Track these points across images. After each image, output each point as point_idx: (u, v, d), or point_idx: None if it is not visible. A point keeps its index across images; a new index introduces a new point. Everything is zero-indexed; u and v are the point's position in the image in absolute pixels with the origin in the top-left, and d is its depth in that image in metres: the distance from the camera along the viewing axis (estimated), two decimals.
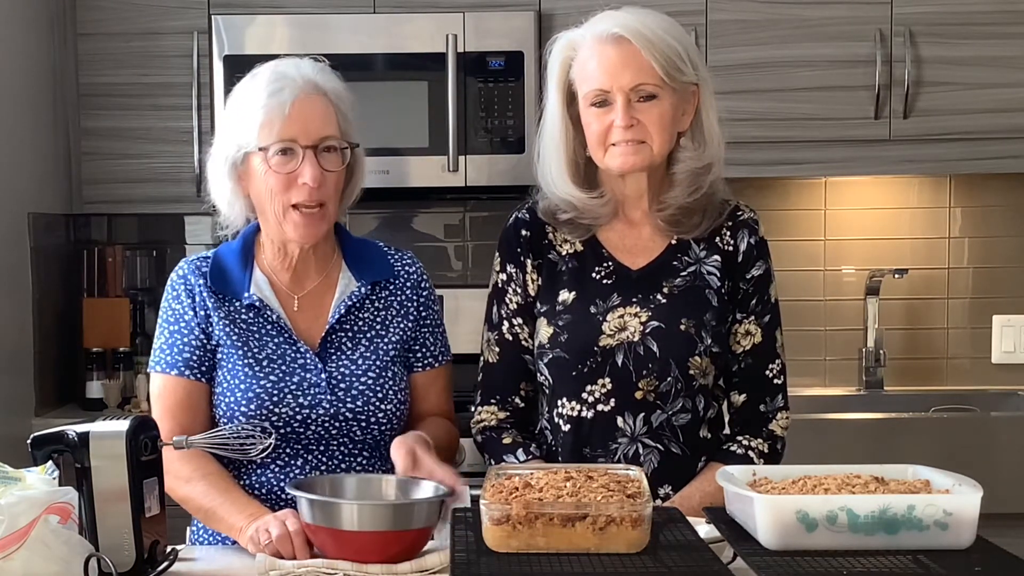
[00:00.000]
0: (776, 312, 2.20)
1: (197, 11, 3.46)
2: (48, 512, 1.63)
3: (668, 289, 2.15)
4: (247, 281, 2.14)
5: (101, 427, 1.80)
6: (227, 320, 2.12)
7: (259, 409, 2.06)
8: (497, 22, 3.40)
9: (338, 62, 2.19)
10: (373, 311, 2.18)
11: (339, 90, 2.14)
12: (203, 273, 2.15)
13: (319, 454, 2.10)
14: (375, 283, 2.19)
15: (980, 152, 3.45)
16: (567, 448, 2.16)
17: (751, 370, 2.18)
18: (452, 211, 3.86)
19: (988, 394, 3.71)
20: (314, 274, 2.18)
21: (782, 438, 2.18)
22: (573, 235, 2.20)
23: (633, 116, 2.08)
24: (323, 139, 2.07)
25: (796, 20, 3.45)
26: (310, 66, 2.13)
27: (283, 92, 2.07)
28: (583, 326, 2.14)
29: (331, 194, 2.10)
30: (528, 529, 1.60)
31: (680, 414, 2.12)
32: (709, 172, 2.14)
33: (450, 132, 3.37)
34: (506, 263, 2.23)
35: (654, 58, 2.06)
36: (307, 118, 2.07)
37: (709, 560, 1.59)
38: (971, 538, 1.60)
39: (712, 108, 2.14)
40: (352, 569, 1.74)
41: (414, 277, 2.24)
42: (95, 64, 3.49)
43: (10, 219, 3.25)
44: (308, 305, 2.16)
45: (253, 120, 2.07)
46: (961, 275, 3.82)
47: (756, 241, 2.18)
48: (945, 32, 3.43)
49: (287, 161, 2.06)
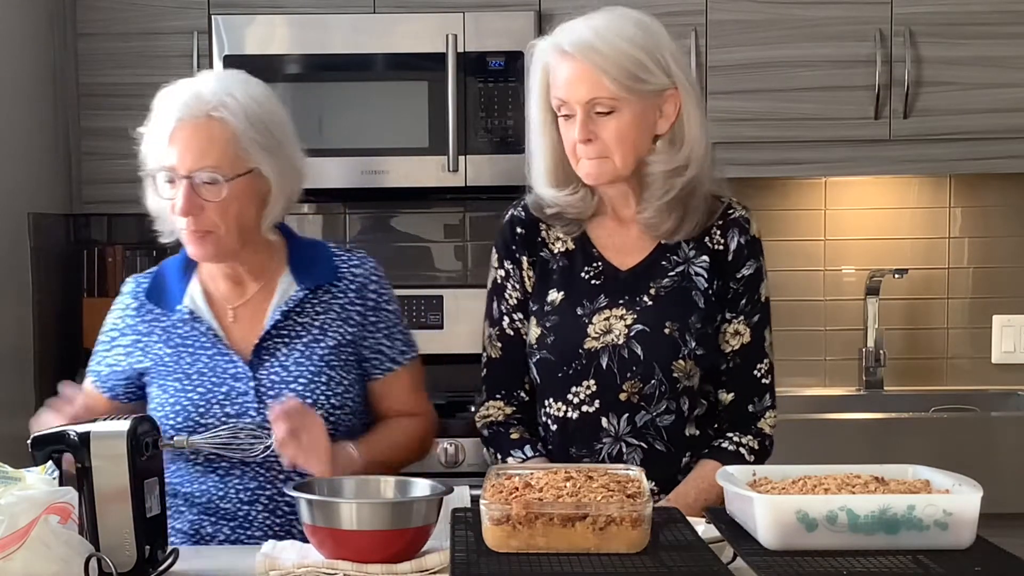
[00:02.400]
0: (766, 311, 2.20)
1: (197, 11, 3.46)
2: (48, 512, 1.63)
3: (655, 290, 2.15)
4: (182, 293, 2.15)
5: (101, 427, 1.80)
6: (162, 338, 2.14)
7: (186, 422, 2.06)
8: (497, 22, 3.40)
9: (338, 62, 2.19)
10: (312, 315, 2.14)
11: (247, 108, 2.06)
12: (140, 292, 2.18)
13: (256, 465, 2.08)
14: (317, 287, 2.15)
15: (980, 152, 3.45)
16: (555, 447, 2.17)
17: (739, 370, 2.17)
18: (452, 211, 3.85)
19: (988, 394, 3.71)
20: (252, 281, 2.15)
21: (771, 436, 2.19)
22: (564, 230, 2.20)
23: (592, 130, 2.06)
24: (198, 169, 2.03)
25: (796, 20, 3.44)
26: (215, 83, 2.08)
27: (167, 118, 2.05)
28: (569, 328, 2.14)
29: (215, 222, 2.05)
30: (528, 529, 1.60)
31: (664, 415, 2.13)
32: (683, 173, 2.10)
33: (450, 132, 3.37)
34: (503, 260, 2.23)
35: (606, 72, 2.03)
36: (186, 147, 2.03)
37: (709, 560, 1.59)
38: (971, 538, 1.60)
39: (693, 108, 2.10)
40: (352, 569, 1.74)
41: (360, 279, 2.18)
42: (95, 64, 3.49)
43: (10, 219, 3.25)
44: (246, 314, 2.15)
45: (148, 142, 2.08)
46: (961, 275, 3.82)
47: (747, 240, 2.17)
48: (945, 32, 3.43)
49: (171, 188, 2.06)
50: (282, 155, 2.11)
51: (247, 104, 2.07)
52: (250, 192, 2.08)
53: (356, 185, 3.44)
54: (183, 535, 2.10)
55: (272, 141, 2.09)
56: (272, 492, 2.09)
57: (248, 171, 2.06)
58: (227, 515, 2.09)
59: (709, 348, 2.14)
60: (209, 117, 2.04)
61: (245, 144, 2.05)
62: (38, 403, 3.33)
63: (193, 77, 2.13)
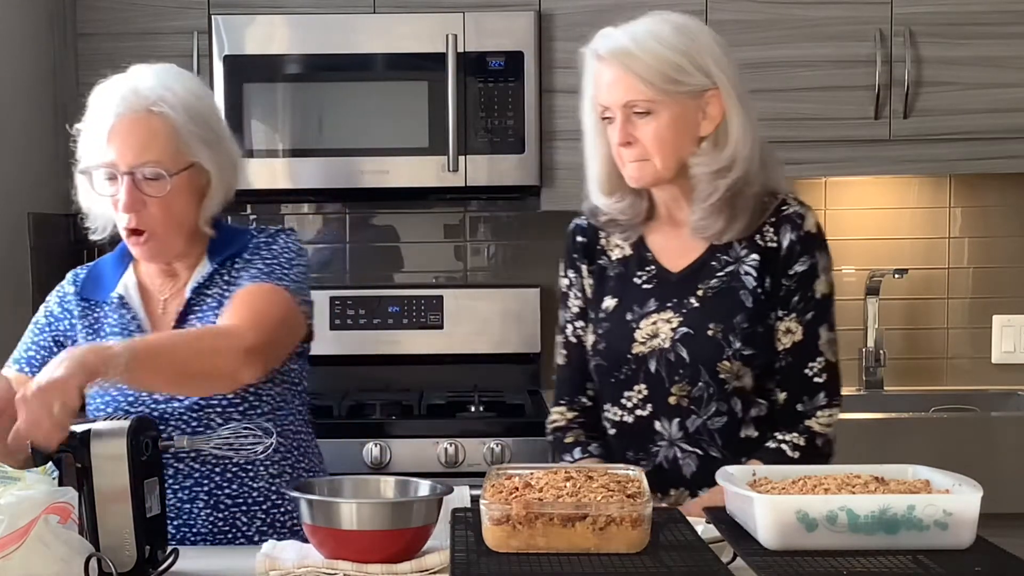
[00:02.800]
0: (822, 308, 2.15)
1: (197, 11, 3.46)
2: (48, 512, 1.63)
3: (702, 292, 2.14)
4: (115, 282, 2.15)
5: (102, 427, 1.80)
6: (91, 328, 2.12)
7: (116, 411, 2.03)
8: (497, 22, 3.40)
9: (338, 62, 2.19)
10: (221, 286, 2.11)
11: (185, 101, 2.04)
12: (78, 281, 2.18)
13: (190, 460, 2.06)
14: (227, 260, 2.12)
15: (980, 152, 3.45)
16: (615, 451, 2.20)
17: (791, 368, 2.14)
18: (452, 211, 3.86)
19: (988, 394, 3.71)
20: (185, 271, 2.15)
21: (823, 435, 2.13)
22: (622, 236, 2.22)
23: (631, 133, 2.09)
24: (140, 164, 2.02)
25: (796, 20, 3.45)
26: (152, 79, 2.06)
27: (106, 112, 2.03)
28: (618, 334, 2.17)
29: (157, 219, 2.03)
30: (528, 529, 1.60)
31: (715, 417, 2.12)
32: (727, 175, 2.10)
33: (450, 132, 3.36)
34: (567, 268, 2.29)
35: (639, 76, 2.06)
36: (126, 142, 2.02)
37: (709, 560, 1.60)
38: (971, 538, 1.60)
39: (736, 109, 2.10)
40: (352, 569, 1.74)
41: (274, 247, 2.12)
42: (95, 64, 3.47)
43: (10, 219, 3.25)
44: (172, 304, 2.14)
45: (86, 138, 2.07)
46: (961, 275, 3.82)
47: (800, 236, 2.13)
48: (945, 32, 3.43)
49: (111, 185, 2.04)
50: (221, 148, 2.11)
51: (185, 98, 2.06)
52: (191, 187, 2.07)
53: (356, 185, 3.44)
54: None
55: (211, 135, 2.09)
56: (211, 487, 2.08)
57: (189, 165, 2.06)
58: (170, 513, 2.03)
59: (759, 347, 2.12)
60: (149, 112, 2.03)
61: (186, 138, 2.04)
62: None
63: (129, 71, 2.10)
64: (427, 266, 3.87)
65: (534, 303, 3.70)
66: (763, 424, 2.15)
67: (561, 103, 3.44)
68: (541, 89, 3.44)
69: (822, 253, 2.16)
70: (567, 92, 3.45)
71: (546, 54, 3.44)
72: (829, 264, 2.17)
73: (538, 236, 3.82)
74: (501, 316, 3.70)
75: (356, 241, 3.84)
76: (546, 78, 3.44)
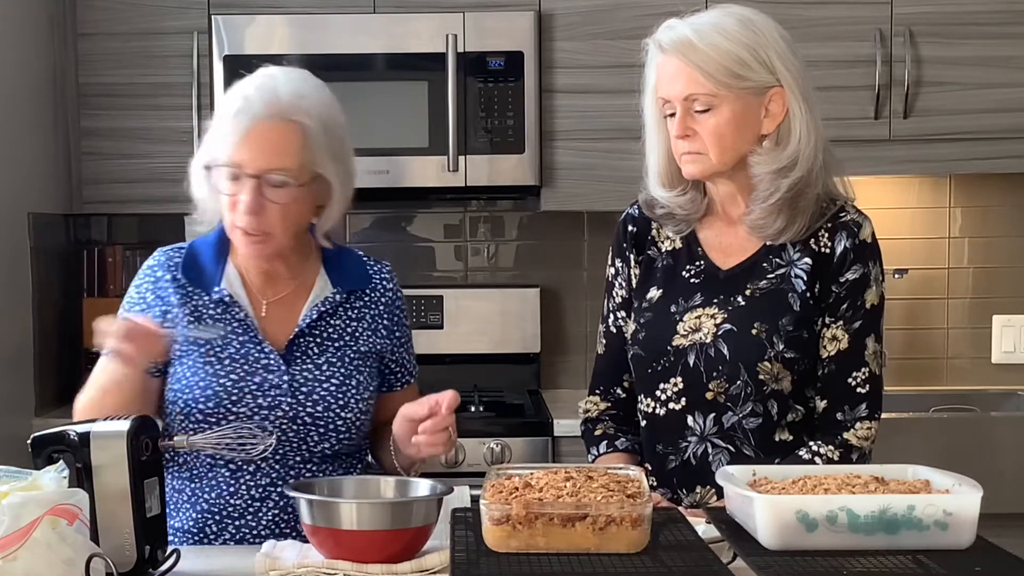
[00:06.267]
0: (871, 319, 2.10)
1: (197, 11, 3.46)
2: (54, 513, 1.62)
3: (751, 291, 2.12)
4: (219, 275, 2.12)
5: (102, 427, 1.80)
6: (192, 316, 2.10)
7: (217, 408, 2.04)
8: (497, 22, 3.40)
9: (338, 62, 2.19)
10: (345, 319, 2.15)
11: (321, 113, 2.06)
12: (173, 266, 2.14)
13: (273, 462, 2.07)
14: (351, 292, 2.16)
15: (980, 152, 3.46)
16: (645, 443, 2.19)
17: (833, 376, 2.10)
18: (452, 211, 3.86)
19: (988, 394, 3.71)
20: (287, 277, 2.14)
21: (859, 448, 2.08)
22: (674, 230, 2.20)
23: (690, 127, 2.06)
24: (270, 170, 2.02)
25: (796, 20, 3.44)
26: (291, 84, 2.07)
27: (242, 115, 2.02)
28: (660, 325, 2.15)
29: (275, 224, 2.04)
30: (528, 529, 1.60)
31: (750, 417, 2.09)
32: (789, 174, 2.06)
33: (450, 132, 3.37)
34: (615, 258, 2.26)
35: (701, 69, 2.03)
36: (259, 147, 2.01)
37: (709, 560, 1.60)
38: (971, 538, 1.60)
39: (800, 107, 2.07)
40: (352, 569, 1.74)
41: (390, 293, 2.21)
42: (95, 64, 3.49)
43: (10, 219, 3.25)
44: (278, 310, 2.13)
45: (216, 134, 2.05)
46: (961, 275, 3.82)
47: (854, 244, 2.09)
48: (945, 32, 3.43)
49: (233, 184, 2.03)
50: (346, 162, 2.12)
51: (321, 109, 2.07)
52: (311, 197, 2.08)
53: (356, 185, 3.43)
54: (186, 534, 2.09)
55: (340, 148, 2.10)
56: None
57: (315, 176, 2.06)
58: (235, 512, 2.08)
59: (802, 352, 2.09)
60: (287, 120, 2.03)
61: (316, 149, 2.05)
62: (38, 403, 3.37)
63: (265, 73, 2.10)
64: (427, 266, 3.87)
65: (534, 303, 3.71)
66: (798, 429, 2.12)
67: (561, 103, 3.44)
68: (541, 89, 3.44)
69: (875, 264, 2.12)
70: (567, 92, 3.46)
71: (546, 54, 3.44)
72: (881, 275, 2.14)
73: (538, 236, 3.83)
74: (501, 316, 3.70)
75: (356, 241, 3.84)
76: (546, 78, 3.44)
